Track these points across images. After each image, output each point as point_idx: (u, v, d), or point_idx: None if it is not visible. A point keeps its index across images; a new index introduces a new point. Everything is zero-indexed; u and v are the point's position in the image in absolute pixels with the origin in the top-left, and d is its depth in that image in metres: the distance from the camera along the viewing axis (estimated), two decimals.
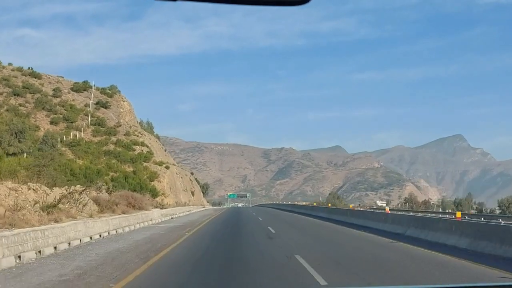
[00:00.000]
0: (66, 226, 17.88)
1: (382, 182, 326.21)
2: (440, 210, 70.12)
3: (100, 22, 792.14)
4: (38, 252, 14.35)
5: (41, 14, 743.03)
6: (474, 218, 39.11)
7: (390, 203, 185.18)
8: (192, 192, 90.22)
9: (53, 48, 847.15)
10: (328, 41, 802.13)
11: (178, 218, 36.24)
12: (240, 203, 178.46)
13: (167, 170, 69.42)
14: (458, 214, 28.83)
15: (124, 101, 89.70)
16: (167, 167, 71.03)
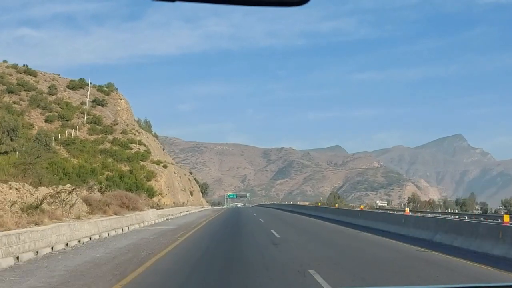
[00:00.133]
0: (47, 229, 16.11)
1: (382, 182, 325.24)
2: (449, 210, 68.37)
3: (100, 22, 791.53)
4: (16, 258, 12.77)
5: (41, 14, 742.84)
6: (486, 219, 37.44)
7: (391, 203, 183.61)
8: (191, 192, 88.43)
9: (53, 48, 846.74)
10: (328, 41, 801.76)
11: (173, 220, 34.44)
12: (239, 203, 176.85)
13: (164, 169, 67.65)
14: (506, 218, 23.27)
15: (121, 99, 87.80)
16: (165, 166, 69.24)
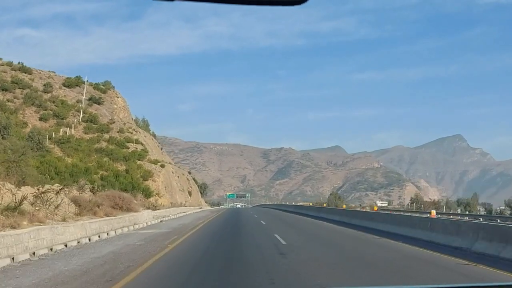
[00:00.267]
0: (24, 233, 14.40)
1: (382, 182, 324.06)
2: (452, 210, 66.65)
3: (100, 22, 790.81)
4: None
5: (41, 14, 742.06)
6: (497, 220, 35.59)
7: (392, 203, 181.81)
8: (189, 192, 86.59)
9: (53, 48, 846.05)
10: (328, 41, 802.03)
11: (168, 221, 32.58)
12: (239, 204, 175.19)
13: (162, 169, 65.83)
14: None
15: (118, 97, 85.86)
16: (163, 166, 67.41)
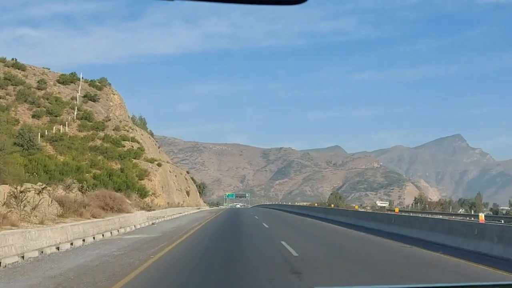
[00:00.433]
0: None
1: (382, 182, 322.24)
2: (461, 211, 64.38)
3: (100, 21, 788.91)
4: None
5: (40, 13, 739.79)
6: None
7: (393, 204, 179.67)
8: (187, 192, 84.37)
9: (52, 47, 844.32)
10: (328, 41, 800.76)
11: (161, 224, 30.19)
12: (238, 204, 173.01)
13: (159, 168, 63.63)
14: None
15: (114, 94, 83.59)
16: (159, 165, 65.20)
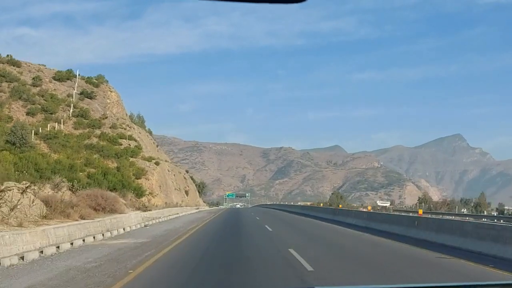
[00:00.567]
0: None
1: (382, 181, 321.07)
2: (464, 211, 62.56)
3: (100, 21, 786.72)
4: None
5: (40, 13, 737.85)
6: None
7: (394, 203, 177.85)
8: (186, 192, 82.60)
9: (52, 47, 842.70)
10: (328, 41, 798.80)
11: (155, 226, 28.16)
12: (238, 203, 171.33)
13: (157, 167, 61.87)
14: None
15: (112, 91, 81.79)
16: (157, 163, 63.43)
